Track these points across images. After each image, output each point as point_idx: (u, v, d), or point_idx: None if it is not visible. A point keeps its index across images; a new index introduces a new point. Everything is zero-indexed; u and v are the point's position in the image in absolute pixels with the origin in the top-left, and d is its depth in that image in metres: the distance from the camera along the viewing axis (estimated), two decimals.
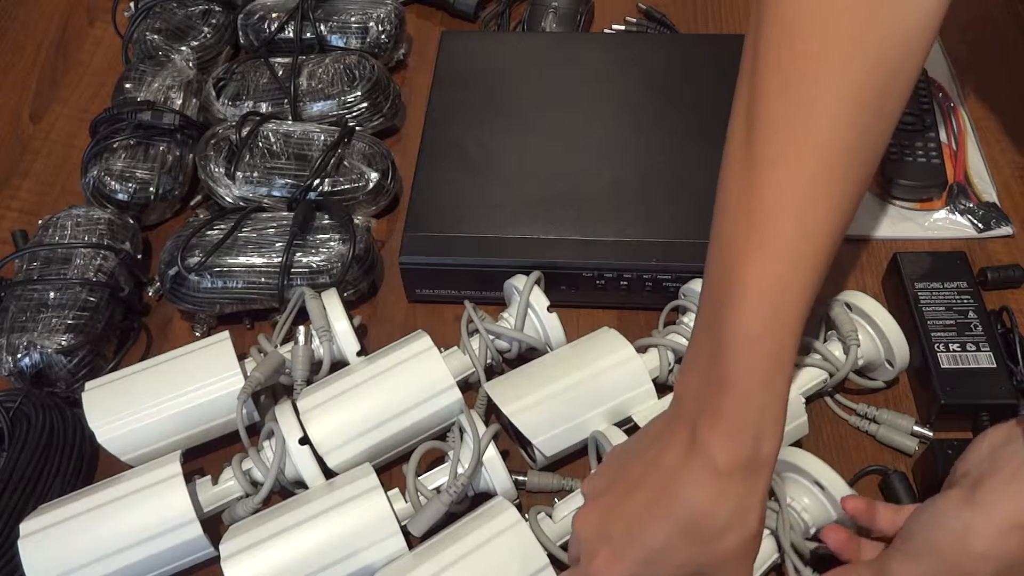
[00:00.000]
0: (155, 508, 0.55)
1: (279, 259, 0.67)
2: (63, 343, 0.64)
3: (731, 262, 0.46)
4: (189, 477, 0.58)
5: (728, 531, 0.46)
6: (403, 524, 0.56)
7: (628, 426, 0.60)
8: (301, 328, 0.63)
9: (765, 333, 0.45)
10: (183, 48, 0.84)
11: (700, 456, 0.45)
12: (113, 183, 0.74)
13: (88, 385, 0.61)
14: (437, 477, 0.58)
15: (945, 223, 0.74)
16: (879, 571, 0.49)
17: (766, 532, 0.54)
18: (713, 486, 0.45)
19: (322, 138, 0.75)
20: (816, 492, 0.55)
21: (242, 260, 0.68)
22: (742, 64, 0.48)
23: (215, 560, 0.55)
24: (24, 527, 0.55)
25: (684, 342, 0.63)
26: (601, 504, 0.49)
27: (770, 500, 0.56)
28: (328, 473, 0.58)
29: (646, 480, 0.48)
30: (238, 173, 0.73)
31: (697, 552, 0.46)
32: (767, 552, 0.54)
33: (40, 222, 0.72)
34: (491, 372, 0.66)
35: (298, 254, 0.68)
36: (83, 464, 0.63)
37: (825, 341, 0.63)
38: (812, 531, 0.55)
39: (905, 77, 0.46)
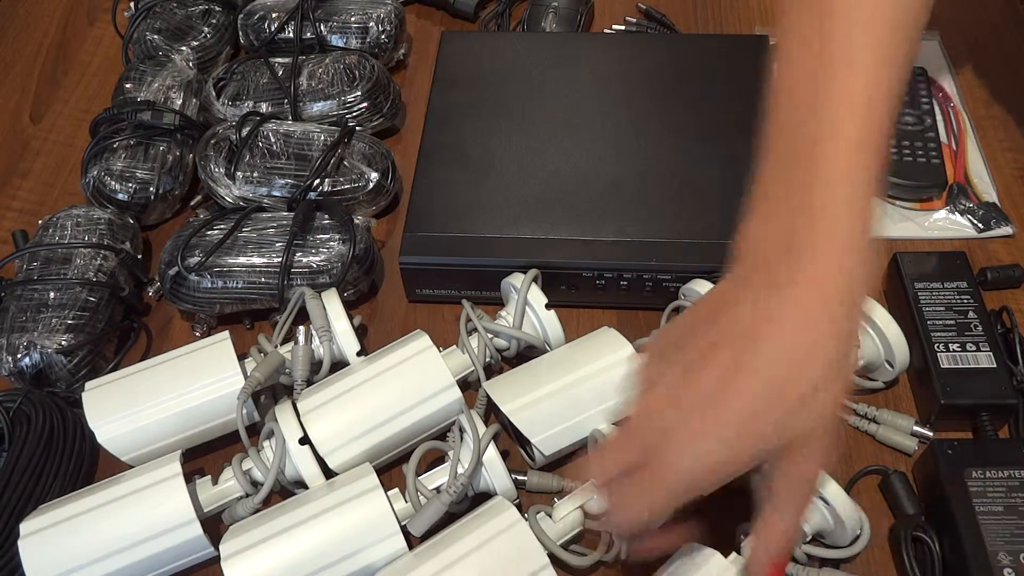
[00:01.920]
0: (155, 508, 0.55)
1: (279, 259, 0.67)
2: (63, 343, 0.64)
3: (818, 72, 0.43)
4: (189, 477, 0.58)
5: (825, 383, 0.40)
6: (403, 524, 0.56)
7: None
8: (301, 328, 0.63)
9: (863, 144, 0.41)
10: (183, 48, 0.84)
11: (790, 300, 0.40)
12: (113, 183, 0.74)
13: (88, 385, 0.61)
14: (437, 477, 0.58)
15: (945, 223, 0.74)
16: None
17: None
18: (808, 330, 0.40)
19: (322, 138, 0.75)
20: (816, 501, 0.55)
21: (242, 260, 0.68)
22: None
23: (215, 560, 0.55)
24: (24, 527, 0.55)
25: None
26: (664, 388, 0.43)
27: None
28: (328, 473, 0.58)
29: (722, 344, 0.41)
30: (238, 173, 0.73)
31: (786, 417, 0.40)
32: None
33: (40, 222, 0.72)
34: (490, 371, 0.66)
35: (298, 254, 0.68)
36: (83, 464, 0.63)
37: None
38: (809, 536, 0.55)
39: None
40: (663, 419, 0.43)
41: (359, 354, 0.63)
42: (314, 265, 0.68)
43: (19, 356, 0.64)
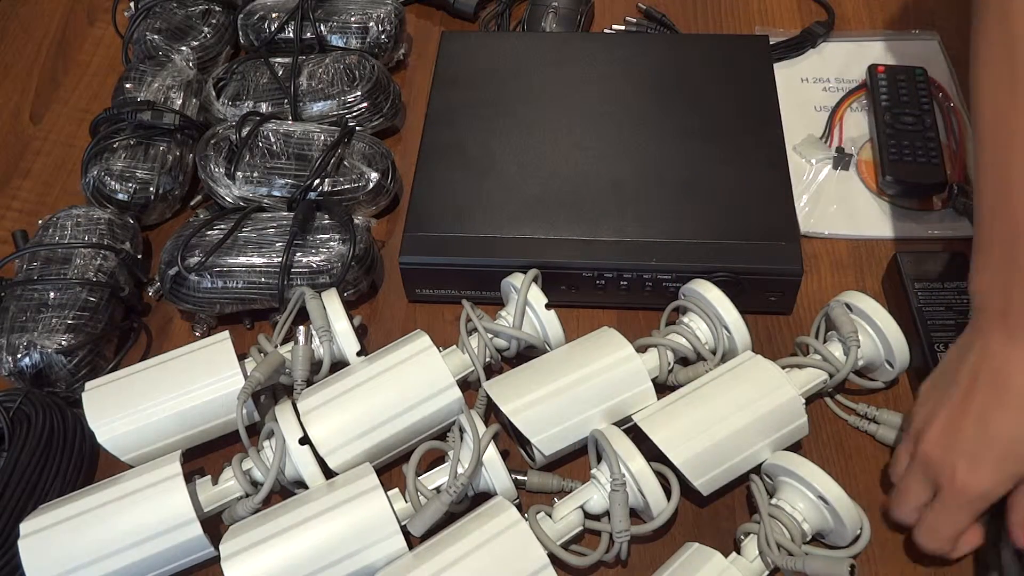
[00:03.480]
0: (155, 508, 0.55)
1: (279, 259, 0.67)
2: (63, 343, 0.64)
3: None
4: (189, 477, 0.58)
5: None
6: (403, 524, 0.56)
7: (628, 425, 0.60)
8: (301, 328, 0.63)
9: None
10: (183, 48, 0.84)
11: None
12: (113, 183, 0.74)
13: (88, 385, 0.61)
14: (437, 477, 0.58)
15: (945, 223, 0.74)
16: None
17: (754, 549, 0.55)
18: None
19: (322, 138, 0.75)
20: (816, 501, 0.55)
21: (242, 260, 0.68)
22: None
23: (215, 560, 0.55)
24: (24, 527, 0.55)
25: (684, 342, 0.63)
26: (938, 428, 0.53)
27: (754, 515, 0.57)
28: (328, 473, 0.58)
29: (977, 385, 0.51)
30: (238, 173, 0.73)
31: None
32: (757, 570, 0.54)
33: (40, 222, 0.72)
34: (490, 371, 0.66)
35: (298, 254, 0.68)
36: (83, 464, 0.63)
37: (825, 341, 0.63)
38: (809, 536, 0.55)
39: None
40: (946, 455, 0.52)
41: (359, 354, 0.63)
42: (314, 265, 0.68)
43: (19, 356, 0.64)
